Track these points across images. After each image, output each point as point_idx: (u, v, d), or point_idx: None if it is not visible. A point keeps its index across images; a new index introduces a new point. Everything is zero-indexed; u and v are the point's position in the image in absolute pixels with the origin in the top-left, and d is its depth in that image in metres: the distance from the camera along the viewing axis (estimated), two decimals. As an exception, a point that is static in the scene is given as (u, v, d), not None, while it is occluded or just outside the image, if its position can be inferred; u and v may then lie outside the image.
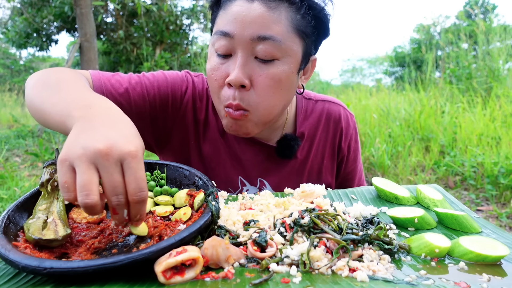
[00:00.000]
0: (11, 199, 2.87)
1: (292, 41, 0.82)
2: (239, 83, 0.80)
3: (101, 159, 0.51)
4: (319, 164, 1.09)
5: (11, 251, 0.52)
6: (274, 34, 0.79)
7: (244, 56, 0.80)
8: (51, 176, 0.71)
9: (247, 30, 0.78)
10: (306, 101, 1.09)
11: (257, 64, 0.81)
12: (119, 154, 0.52)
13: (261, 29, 0.78)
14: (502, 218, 2.51)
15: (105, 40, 8.98)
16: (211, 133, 1.03)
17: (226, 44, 0.81)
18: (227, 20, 0.80)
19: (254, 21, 0.78)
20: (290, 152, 1.02)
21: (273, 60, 0.81)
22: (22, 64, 17.32)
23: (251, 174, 1.05)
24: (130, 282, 0.50)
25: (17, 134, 5.97)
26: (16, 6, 8.12)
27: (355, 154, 1.14)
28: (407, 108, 4.44)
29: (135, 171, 0.52)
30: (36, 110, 0.73)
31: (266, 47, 0.79)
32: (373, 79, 15.18)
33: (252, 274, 0.51)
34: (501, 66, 4.73)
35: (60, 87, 0.72)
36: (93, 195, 0.50)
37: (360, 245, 0.59)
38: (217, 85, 0.85)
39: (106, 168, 0.51)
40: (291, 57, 0.83)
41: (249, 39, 0.79)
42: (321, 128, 1.08)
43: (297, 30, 0.82)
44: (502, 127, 3.57)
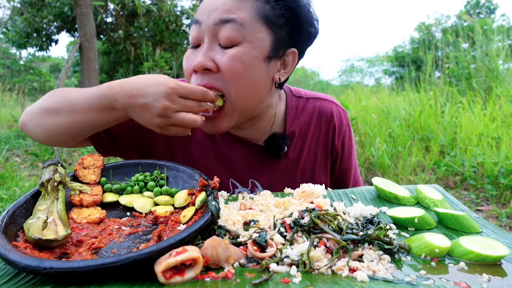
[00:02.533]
0: (11, 199, 2.87)
1: (256, 28, 0.83)
2: (201, 67, 0.83)
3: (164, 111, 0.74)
4: (312, 163, 1.07)
5: (11, 251, 0.52)
6: (235, 17, 0.82)
7: (208, 42, 0.84)
8: (51, 176, 0.71)
9: (211, 16, 0.83)
10: (296, 99, 1.08)
11: (220, 49, 0.84)
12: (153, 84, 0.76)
13: (223, 13, 0.82)
14: (502, 218, 2.51)
15: (105, 40, 8.98)
16: (198, 138, 1.03)
17: (196, 32, 0.86)
18: (199, 10, 0.87)
19: (218, 7, 0.83)
20: (277, 151, 1.00)
21: (234, 46, 0.83)
22: (22, 64, 17.32)
23: (242, 176, 1.03)
24: (130, 282, 0.50)
25: (17, 134, 5.97)
26: (16, 6, 8.12)
27: (349, 151, 1.12)
28: (407, 108, 4.44)
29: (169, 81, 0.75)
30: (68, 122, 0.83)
31: (228, 30, 0.82)
32: (373, 78, 15.18)
33: (252, 274, 0.51)
34: (500, 66, 4.73)
35: (69, 93, 0.86)
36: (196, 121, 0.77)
37: (360, 245, 0.59)
38: (188, 75, 0.89)
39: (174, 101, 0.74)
40: (254, 43, 0.84)
41: (213, 24, 0.83)
42: (313, 126, 1.06)
43: (263, 18, 0.84)
44: (502, 127, 3.57)
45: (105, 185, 0.80)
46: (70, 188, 0.75)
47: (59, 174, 0.73)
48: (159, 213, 0.71)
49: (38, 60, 19.03)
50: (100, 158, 0.85)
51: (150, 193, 0.79)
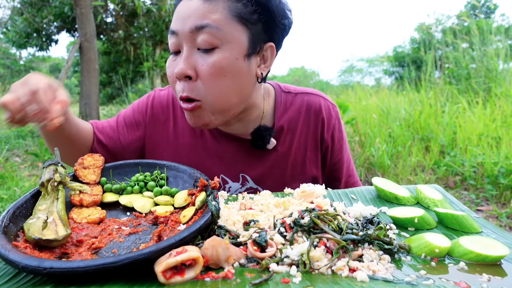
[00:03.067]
0: (11, 199, 2.87)
1: (232, 28, 0.84)
2: (182, 75, 0.84)
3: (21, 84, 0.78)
4: (302, 156, 1.08)
5: (11, 251, 0.52)
6: (209, 21, 0.82)
7: (187, 49, 0.84)
8: (51, 176, 0.71)
9: (186, 24, 0.83)
10: (285, 94, 1.09)
11: (200, 55, 0.84)
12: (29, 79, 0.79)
13: (198, 20, 0.82)
14: (502, 218, 2.51)
15: (105, 40, 8.98)
16: (185, 138, 1.05)
17: (174, 41, 0.86)
18: (174, 19, 0.87)
19: (191, 15, 0.83)
20: (262, 142, 1.01)
21: (213, 49, 0.83)
22: (22, 64, 17.32)
23: (232, 171, 1.05)
24: (130, 282, 0.50)
25: (17, 134, 5.97)
26: (16, 6, 8.12)
27: (340, 144, 1.12)
28: (407, 108, 4.44)
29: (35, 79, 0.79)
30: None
31: (204, 36, 0.82)
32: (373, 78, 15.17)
33: (252, 274, 0.51)
34: (499, 67, 4.73)
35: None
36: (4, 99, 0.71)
37: (360, 245, 0.59)
38: (172, 81, 0.90)
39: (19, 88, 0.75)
40: (232, 44, 0.84)
41: (189, 31, 0.83)
42: (302, 120, 1.07)
43: (237, 17, 0.84)
44: (502, 127, 3.57)
45: (105, 185, 0.80)
46: (70, 188, 0.75)
47: (59, 174, 0.73)
48: (159, 213, 0.71)
49: (38, 60, 19.03)
50: (100, 158, 0.85)
51: (150, 193, 0.79)
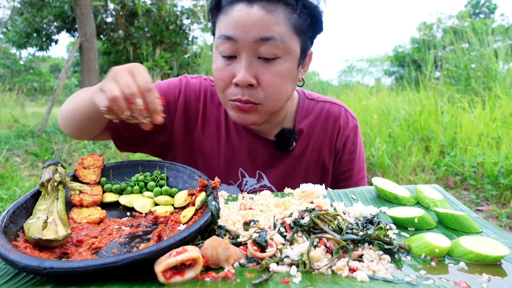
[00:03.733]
0: (11, 199, 2.87)
1: (291, 39, 0.87)
2: (246, 83, 0.87)
3: (116, 74, 0.72)
4: (315, 161, 1.12)
5: (11, 251, 0.52)
6: (274, 34, 0.84)
7: (248, 57, 0.86)
8: (51, 176, 0.71)
9: (249, 33, 0.84)
10: (308, 101, 1.14)
11: (261, 64, 0.87)
12: (128, 67, 0.74)
13: (262, 31, 0.84)
14: (502, 218, 2.51)
15: (105, 40, 8.98)
16: (211, 129, 1.09)
17: (230, 46, 0.87)
18: (229, 24, 0.86)
19: (255, 24, 0.83)
20: (286, 145, 1.06)
21: (275, 59, 0.87)
22: (22, 64, 17.33)
23: (251, 167, 1.10)
24: (130, 282, 0.50)
25: (17, 134, 5.97)
26: (16, 6, 8.12)
27: (351, 156, 1.14)
28: (407, 108, 4.44)
29: (141, 73, 0.73)
30: (70, 111, 0.97)
31: (268, 47, 0.85)
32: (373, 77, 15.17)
33: (252, 274, 0.51)
34: (498, 67, 4.73)
35: (86, 91, 0.94)
36: (115, 90, 0.69)
37: (360, 245, 0.59)
38: (224, 84, 0.91)
39: (120, 77, 0.71)
40: (291, 54, 0.88)
41: (252, 41, 0.84)
42: (320, 126, 1.11)
43: (294, 28, 0.87)
44: (502, 127, 3.57)
45: (105, 185, 0.80)
46: (70, 188, 0.75)
47: (59, 174, 0.73)
48: (159, 213, 0.71)
49: (38, 60, 19.04)
50: (100, 158, 0.85)
51: (150, 193, 0.79)
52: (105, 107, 0.70)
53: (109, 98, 0.69)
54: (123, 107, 0.70)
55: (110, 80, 0.72)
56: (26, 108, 10.93)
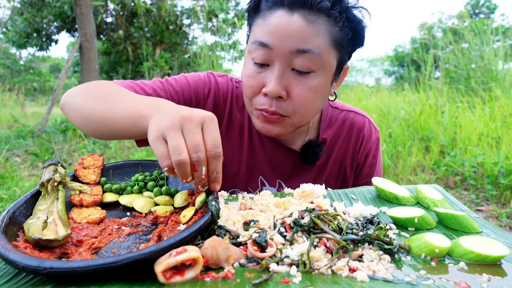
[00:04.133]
0: (11, 199, 2.87)
1: (329, 53, 0.83)
2: (276, 95, 0.83)
3: (185, 123, 0.60)
4: (337, 171, 1.10)
5: (11, 251, 0.52)
6: (312, 47, 0.80)
7: (281, 67, 0.82)
8: (51, 176, 0.71)
9: (286, 43, 0.80)
10: (332, 109, 1.10)
11: (293, 76, 0.83)
12: (199, 118, 0.62)
13: (300, 42, 0.79)
14: (502, 218, 2.51)
15: (105, 40, 8.98)
16: (234, 134, 1.05)
17: (264, 54, 0.83)
18: (266, 31, 0.82)
19: (293, 35, 0.79)
20: (314, 158, 1.03)
21: (309, 73, 0.83)
22: (22, 64, 17.33)
23: (272, 176, 1.07)
24: (130, 282, 0.50)
25: (17, 134, 5.97)
26: (16, 6, 8.13)
27: (370, 170, 1.12)
28: (407, 108, 4.44)
29: (212, 130, 0.62)
30: (98, 122, 0.79)
31: (304, 60, 0.81)
32: (373, 77, 15.17)
33: (252, 274, 0.51)
34: (498, 67, 4.73)
35: (115, 97, 0.79)
36: (183, 153, 0.58)
37: (360, 245, 0.59)
38: (252, 92, 0.87)
39: (190, 131, 0.60)
40: (326, 69, 0.85)
41: (288, 52, 0.80)
42: (343, 137, 1.09)
43: (334, 42, 0.83)
44: (502, 127, 3.57)
45: (105, 185, 0.80)
46: (70, 188, 0.75)
47: (59, 174, 0.73)
48: (159, 213, 0.71)
49: (38, 60, 19.05)
50: (100, 158, 0.85)
51: (150, 193, 0.79)
52: (167, 167, 0.60)
53: (175, 162, 0.58)
54: (187, 174, 0.60)
55: (175, 128, 0.59)
56: (26, 108, 10.93)
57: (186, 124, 0.60)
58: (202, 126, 0.62)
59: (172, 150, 0.58)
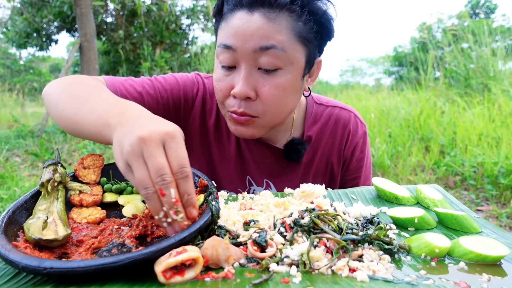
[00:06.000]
0: (11, 199, 2.87)
1: (294, 49, 0.82)
2: (244, 96, 0.83)
3: (144, 146, 0.53)
4: (324, 168, 1.09)
5: (11, 251, 0.52)
6: (275, 43, 0.79)
7: (247, 68, 0.82)
8: (51, 176, 0.71)
9: (248, 43, 0.79)
10: (317, 106, 1.09)
11: (260, 75, 0.83)
12: (159, 136, 0.54)
13: (262, 40, 0.79)
14: (502, 218, 2.51)
15: (105, 40, 8.98)
16: (221, 134, 1.05)
17: (229, 56, 0.83)
18: (229, 33, 0.82)
19: (254, 33, 0.79)
20: (296, 156, 1.03)
21: (276, 70, 0.82)
22: (22, 64, 17.32)
23: (258, 175, 1.07)
24: (130, 282, 0.50)
25: (17, 134, 5.97)
26: (16, 6, 8.13)
27: (358, 164, 1.11)
28: (407, 108, 4.44)
29: (175, 149, 0.55)
30: (67, 121, 0.75)
31: (269, 57, 0.80)
32: (373, 77, 15.18)
33: (252, 274, 0.51)
34: (497, 67, 4.73)
35: (88, 97, 0.74)
36: (148, 186, 0.53)
37: (360, 245, 0.59)
38: (222, 95, 0.87)
39: (150, 155, 0.53)
40: (294, 65, 0.83)
41: (251, 51, 0.80)
42: (329, 132, 1.08)
43: (299, 37, 0.82)
44: (502, 127, 3.57)
45: (105, 185, 0.80)
46: (70, 188, 0.75)
47: (59, 174, 0.73)
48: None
49: (38, 60, 19.04)
50: (100, 158, 0.85)
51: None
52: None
53: (144, 197, 0.54)
54: (157, 208, 0.54)
55: (136, 155, 0.53)
56: (26, 108, 10.93)
57: (145, 147, 0.53)
58: (164, 146, 0.55)
59: (138, 185, 0.53)
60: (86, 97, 0.75)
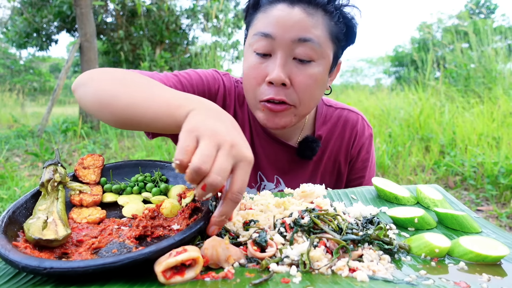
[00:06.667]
0: (11, 199, 2.87)
1: (326, 45, 0.88)
2: (280, 81, 0.86)
3: (226, 146, 0.55)
4: (331, 167, 1.14)
5: (11, 251, 0.52)
6: (312, 37, 0.85)
7: (283, 56, 0.86)
8: (51, 176, 0.71)
9: (288, 33, 0.84)
10: (326, 107, 1.15)
11: (295, 64, 0.87)
12: (240, 154, 0.56)
13: (301, 32, 0.84)
14: (502, 218, 2.51)
15: (105, 40, 8.99)
16: None
17: (266, 44, 0.86)
18: (268, 22, 0.86)
19: (295, 25, 0.84)
20: (310, 153, 1.07)
21: (310, 61, 0.87)
22: (22, 64, 17.32)
23: (270, 171, 1.10)
24: (130, 282, 0.50)
25: (17, 134, 5.97)
26: (16, 6, 8.13)
27: (363, 164, 1.16)
28: (407, 108, 4.44)
29: (244, 174, 0.56)
30: (122, 106, 0.69)
31: (305, 49, 0.85)
32: (372, 78, 15.18)
33: (252, 274, 0.51)
34: (497, 67, 4.73)
35: (148, 85, 0.72)
36: (208, 164, 0.52)
37: (360, 245, 0.59)
38: (255, 83, 0.90)
39: (225, 155, 0.54)
40: (324, 60, 0.89)
41: (290, 41, 0.84)
42: (337, 133, 1.12)
43: (330, 35, 0.88)
44: (502, 127, 3.57)
45: (105, 185, 0.80)
46: (70, 188, 0.75)
47: (59, 174, 0.73)
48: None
49: (38, 60, 19.04)
50: (100, 158, 0.85)
51: (148, 194, 0.79)
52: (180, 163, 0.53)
53: (194, 166, 0.52)
54: (195, 181, 0.54)
55: (213, 143, 0.54)
56: (26, 108, 10.93)
57: (226, 147, 0.54)
58: (237, 163, 0.56)
59: (199, 154, 0.53)
60: (144, 83, 0.72)
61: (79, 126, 5.70)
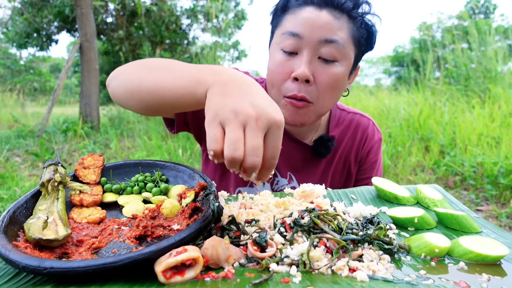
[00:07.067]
0: (11, 199, 2.87)
1: (349, 47, 0.94)
2: (305, 78, 0.91)
3: (251, 122, 0.55)
4: (342, 168, 1.19)
5: (11, 251, 0.52)
6: (338, 38, 0.91)
7: (309, 55, 0.91)
8: (51, 176, 0.71)
9: (316, 33, 0.90)
10: (340, 111, 1.21)
11: (319, 63, 0.93)
12: (267, 122, 0.56)
13: (328, 33, 0.90)
14: (502, 218, 2.51)
15: (105, 40, 8.99)
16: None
17: (293, 43, 0.92)
18: (298, 22, 0.92)
19: (322, 26, 0.90)
20: (325, 151, 1.12)
21: (333, 61, 0.93)
22: (22, 64, 17.33)
23: (283, 168, 1.15)
24: (130, 282, 0.50)
25: (17, 134, 5.97)
26: (16, 6, 8.13)
27: (371, 166, 1.21)
28: (407, 108, 4.44)
29: (275, 139, 0.57)
30: (148, 91, 0.74)
31: (330, 49, 0.91)
32: (372, 78, 15.18)
33: (252, 274, 0.51)
34: (497, 67, 4.73)
35: (170, 66, 0.74)
36: (240, 150, 0.54)
37: (360, 245, 0.59)
38: (281, 79, 0.95)
39: (253, 131, 0.55)
40: (347, 61, 0.95)
41: (317, 40, 0.90)
42: (349, 135, 1.19)
43: (353, 39, 0.94)
44: (502, 127, 3.57)
45: (105, 185, 0.80)
46: (70, 188, 0.75)
47: (59, 174, 0.73)
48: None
49: (38, 60, 19.04)
50: (100, 158, 0.85)
51: (148, 194, 0.79)
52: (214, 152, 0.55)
53: (228, 156, 0.54)
54: (236, 169, 0.56)
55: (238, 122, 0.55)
56: (26, 108, 10.93)
57: (251, 123, 0.55)
58: (268, 131, 0.57)
59: (229, 143, 0.54)
60: (169, 67, 0.75)
61: (79, 126, 5.71)
